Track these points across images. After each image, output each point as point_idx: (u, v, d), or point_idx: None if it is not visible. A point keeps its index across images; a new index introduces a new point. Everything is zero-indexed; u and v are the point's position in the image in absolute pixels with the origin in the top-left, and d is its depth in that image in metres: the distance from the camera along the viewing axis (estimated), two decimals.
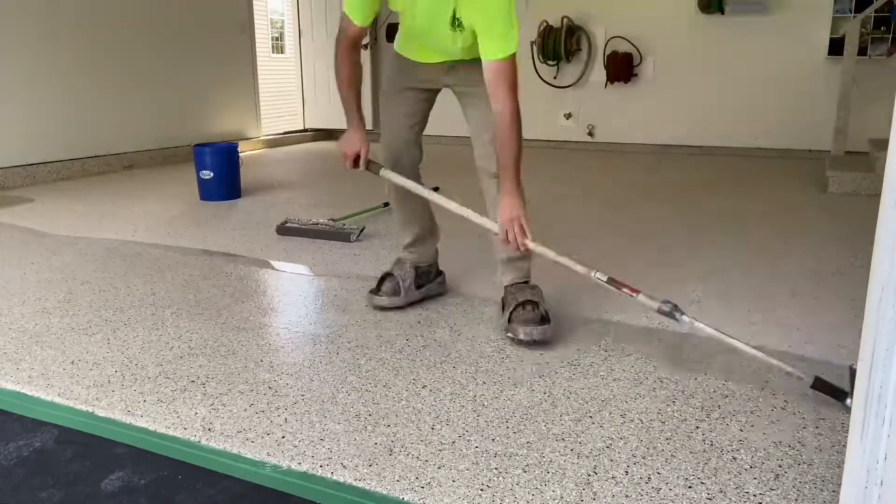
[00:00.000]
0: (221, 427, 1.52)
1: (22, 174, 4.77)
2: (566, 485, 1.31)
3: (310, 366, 1.84)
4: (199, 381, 1.75)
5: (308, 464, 1.38)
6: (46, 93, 5.00)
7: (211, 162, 4.17)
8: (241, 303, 2.35)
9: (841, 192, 4.44)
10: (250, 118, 7.18)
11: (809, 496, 1.27)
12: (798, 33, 6.06)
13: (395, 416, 1.57)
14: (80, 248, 3.08)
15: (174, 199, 4.27)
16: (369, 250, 3.04)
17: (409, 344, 1.99)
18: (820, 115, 5.99)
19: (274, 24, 11.05)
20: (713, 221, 3.62)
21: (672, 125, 6.68)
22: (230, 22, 6.76)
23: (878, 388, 0.90)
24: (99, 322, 2.17)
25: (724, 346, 1.95)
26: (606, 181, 5.03)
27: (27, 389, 1.71)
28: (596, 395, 1.67)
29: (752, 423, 1.53)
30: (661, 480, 1.32)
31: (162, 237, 3.30)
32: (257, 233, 3.38)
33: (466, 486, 1.30)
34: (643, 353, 1.92)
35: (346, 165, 2.16)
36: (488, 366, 1.84)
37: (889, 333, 0.88)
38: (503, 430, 1.51)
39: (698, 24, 6.39)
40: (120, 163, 5.59)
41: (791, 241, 3.17)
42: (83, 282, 2.58)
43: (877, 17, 5.65)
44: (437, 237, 2.39)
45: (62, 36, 5.07)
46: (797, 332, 2.07)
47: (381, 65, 7.89)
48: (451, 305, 2.31)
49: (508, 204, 1.91)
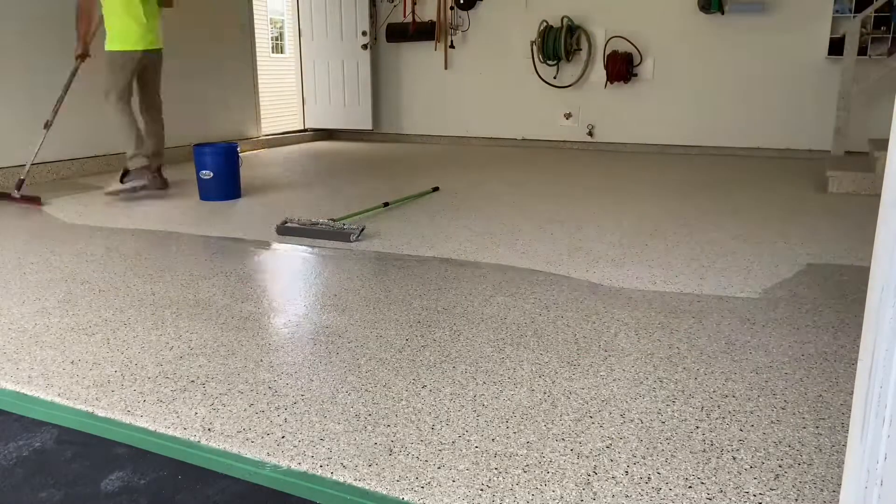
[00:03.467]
0: (221, 427, 1.52)
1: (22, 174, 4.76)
2: (566, 485, 1.31)
3: (309, 366, 1.84)
4: (198, 381, 1.74)
5: (308, 464, 1.38)
6: (46, 93, 4.99)
7: (210, 162, 4.17)
8: (241, 303, 2.35)
9: (841, 192, 4.44)
10: (250, 118, 7.18)
11: (809, 496, 1.27)
12: (798, 33, 6.06)
13: (395, 416, 1.57)
14: (80, 247, 3.08)
15: (173, 199, 4.28)
16: (369, 250, 3.04)
17: (409, 344, 1.99)
18: (820, 115, 5.99)
19: (274, 24, 11.05)
20: (713, 223, 3.62)
21: (672, 125, 6.68)
22: (230, 22, 6.76)
23: (878, 388, 0.90)
24: (99, 322, 2.17)
25: (725, 346, 1.95)
26: (606, 182, 5.03)
27: (27, 389, 1.71)
28: (596, 395, 1.67)
29: (752, 423, 1.53)
30: (661, 480, 1.32)
31: (161, 238, 3.30)
32: (256, 233, 3.38)
33: (466, 486, 1.30)
34: (643, 352, 1.92)
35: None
36: (488, 366, 1.84)
37: (889, 333, 0.88)
38: (503, 430, 1.50)
39: (698, 24, 6.39)
40: (120, 163, 5.58)
41: (791, 241, 3.17)
42: (83, 282, 2.58)
43: (877, 17, 5.65)
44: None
45: (62, 36, 5.06)
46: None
47: (381, 65, 7.90)
48: (451, 305, 2.31)
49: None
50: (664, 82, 6.63)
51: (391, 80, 7.92)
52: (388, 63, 7.90)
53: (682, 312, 2.23)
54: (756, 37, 6.21)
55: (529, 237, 3.26)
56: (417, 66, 7.74)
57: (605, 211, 3.88)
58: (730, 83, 6.39)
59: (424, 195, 4.34)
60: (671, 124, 6.69)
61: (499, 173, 5.38)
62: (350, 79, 7.83)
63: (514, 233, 3.34)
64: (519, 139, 7.41)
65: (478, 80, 7.45)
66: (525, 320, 2.17)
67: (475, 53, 7.42)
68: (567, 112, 7.10)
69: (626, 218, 3.69)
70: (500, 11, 7.18)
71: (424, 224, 3.54)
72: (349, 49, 7.74)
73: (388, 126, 8.05)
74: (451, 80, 7.59)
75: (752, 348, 1.95)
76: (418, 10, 7.53)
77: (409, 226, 3.50)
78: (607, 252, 3.00)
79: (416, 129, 7.92)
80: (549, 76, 7.05)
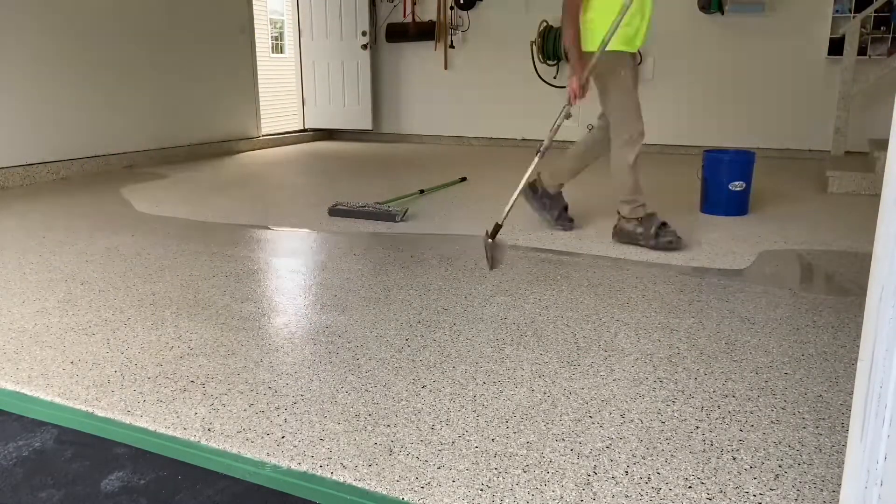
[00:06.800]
0: (221, 427, 1.52)
1: (22, 174, 4.78)
2: (566, 485, 1.31)
3: (310, 366, 1.84)
4: (198, 381, 1.74)
5: (308, 464, 1.38)
6: (46, 93, 4.99)
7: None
8: (241, 303, 2.35)
9: (841, 192, 4.44)
10: (250, 118, 7.18)
11: (809, 496, 1.27)
12: (798, 33, 6.06)
13: (394, 416, 1.57)
14: (80, 247, 3.08)
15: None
16: (369, 250, 3.04)
17: (409, 344, 1.99)
18: (820, 115, 5.99)
19: (274, 24, 11.05)
20: (713, 223, 3.62)
21: (672, 125, 6.68)
22: (230, 22, 6.76)
23: (878, 388, 0.90)
24: (98, 322, 2.16)
25: (724, 346, 1.95)
26: (606, 182, 5.02)
27: (27, 389, 1.71)
28: (596, 395, 1.67)
29: (752, 423, 1.53)
30: (661, 480, 1.32)
31: (161, 237, 3.30)
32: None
33: (466, 486, 1.30)
34: (643, 352, 1.92)
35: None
36: (488, 366, 1.84)
37: (889, 333, 0.88)
38: (503, 430, 1.50)
39: (698, 24, 6.39)
40: (120, 163, 5.59)
41: (791, 241, 3.17)
42: (83, 282, 2.58)
43: (877, 17, 5.65)
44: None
45: (62, 36, 5.07)
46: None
47: (381, 65, 7.90)
48: (451, 305, 2.31)
49: (571, 77, 3.11)
50: (664, 82, 6.63)
51: (391, 80, 7.92)
52: (387, 63, 7.89)
53: (682, 312, 2.23)
54: (756, 37, 6.20)
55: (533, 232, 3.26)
56: (417, 67, 7.74)
57: (605, 210, 3.88)
58: (730, 83, 6.38)
59: (454, 184, 4.77)
60: (671, 124, 6.68)
61: (502, 173, 5.38)
62: (350, 79, 7.83)
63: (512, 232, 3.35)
64: (519, 139, 7.40)
65: (478, 80, 7.45)
66: (525, 320, 2.17)
67: (475, 53, 7.41)
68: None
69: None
70: (500, 11, 7.18)
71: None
72: (349, 49, 7.74)
73: (387, 126, 8.05)
74: (450, 81, 7.59)
75: (752, 348, 1.95)
76: (418, 10, 7.53)
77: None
78: (608, 251, 3.00)
79: (416, 130, 7.91)
80: (549, 76, 7.05)
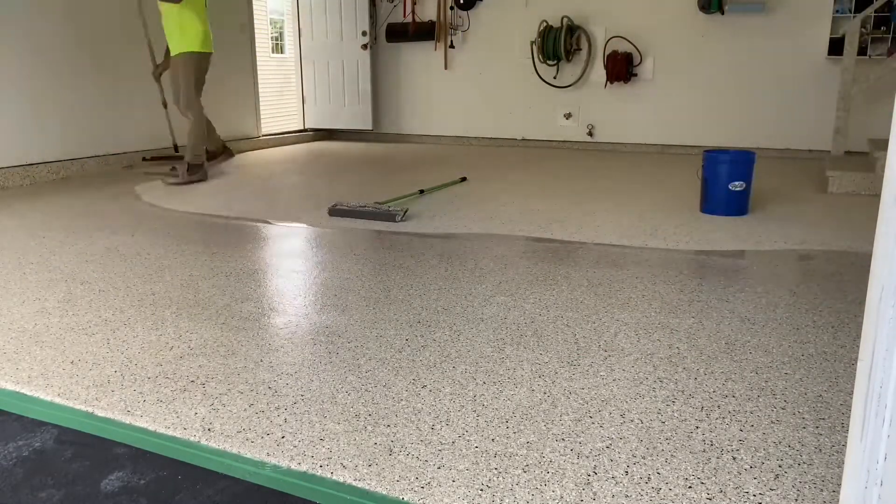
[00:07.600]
0: (221, 427, 1.52)
1: (22, 174, 4.78)
2: (566, 485, 1.31)
3: (310, 366, 1.84)
4: (198, 381, 1.74)
5: (308, 464, 1.38)
6: (46, 93, 4.99)
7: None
8: (241, 303, 2.35)
9: (841, 192, 4.44)
10: (250, 118, 7.18)
11: (809, 496, 1.27)
12: (798, 33, 6.06)
13: (394, 416, 1.57)
14: (80, 247, 3.08)
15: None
16: (369, 250, 3.04)
17: (409, 344, 1.99)
18: (820, 115, 6.00)
19: (274, 25, 11.04)
20: (713, 223, 3.62)
21: (672, 125, 6.68)
22: (230, 22, 6.76)
23: (878, 388, 0.90)
24: (98, 322, 2.16)
25: (724, 346, 1.95)
26: (606, 182, 5.03)
27: (26, 389, 1.71)
28: (596, 395, 1.67)
29: (752, 423, 1.53)
30: (661, 480, 1.32)
31: (162, 237, 3.30)
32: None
33: (466, 486, 1.30)
34: (643, 352, 1.92)
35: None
36: (488, 366, 1.84)
37: (889, 333, 0.88)
38: (503, 430, 1.50)
39: (698, 24, 6.39)
40: (120, 163, 5.59)
41: (791, 241, 3.17)
42: (83, 282, 2.58)
43: (877, 17, 5.65)
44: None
45: (62, 36, 5.07)
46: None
47: (381, 65, 7.90)
48: (451, 305, 2.31)
49: None
50: (664, 82, 6.63)
51: (391, 80, 7.92)
52: (387, 63, 7.90)
53: (682, 312, 2.23)
54: (756, 37, 6.21)
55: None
56: (417, 67, 7.74)
57: (604, 211, 3.88)
58: (730, 83, 6.39)
59: (454, 184, 4.76)
60: (671, 124, 6.69)
61: (503, 174, 5.38)
62: (350, 79, 7.83)
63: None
64: (519, 139, 7.41)
65: (478, 80, 7.45)
66: (525, 320, 2.17)
67: (475, 54, 7.42)
68: (567, 112, 7.11)
69: (626, 218, 3.69)
70: (499, 11, 7.19)
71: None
72: (349, 49, 7.74)
73: (387, 126, 8.05)
74: (450, 81, 7.59)
75: (752, 348, 1.95)
76: (418, 10, 7.53)
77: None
78: (608, 252, 3.00)
79: (416, 130, 7.92)
80: (549, 76, 7.05)
